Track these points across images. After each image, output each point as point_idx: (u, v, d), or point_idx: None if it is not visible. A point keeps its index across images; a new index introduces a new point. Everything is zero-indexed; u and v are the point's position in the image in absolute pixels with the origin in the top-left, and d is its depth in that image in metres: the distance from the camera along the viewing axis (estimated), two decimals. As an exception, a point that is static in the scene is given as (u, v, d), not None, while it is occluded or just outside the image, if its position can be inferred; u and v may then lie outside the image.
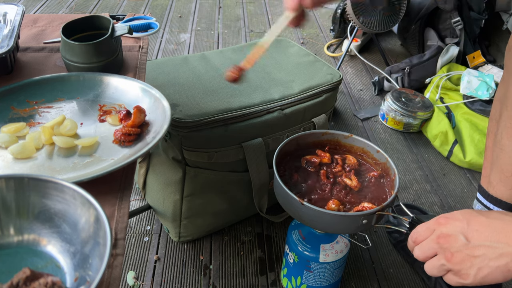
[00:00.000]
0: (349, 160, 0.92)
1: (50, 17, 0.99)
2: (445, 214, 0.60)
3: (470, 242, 0.54)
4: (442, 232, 0.57)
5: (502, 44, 2.00)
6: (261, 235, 1.20)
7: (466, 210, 0.59)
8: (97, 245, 0.46)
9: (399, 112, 1.62)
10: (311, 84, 1.10)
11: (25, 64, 0.81)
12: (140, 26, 0.91)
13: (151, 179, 1.14)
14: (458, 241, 0.55)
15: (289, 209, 0.83)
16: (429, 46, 1.93)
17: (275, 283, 1.08)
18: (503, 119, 0.92)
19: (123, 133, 0.63)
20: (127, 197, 0.57)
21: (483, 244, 0.53)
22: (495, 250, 0.52)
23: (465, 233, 0.55)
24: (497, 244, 0.52)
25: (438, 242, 0.57)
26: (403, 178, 1.44)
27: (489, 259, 0.52)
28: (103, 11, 2.55)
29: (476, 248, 0.53)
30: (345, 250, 0.93)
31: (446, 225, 0.57)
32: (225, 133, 0.98)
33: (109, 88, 0.73)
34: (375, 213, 0.76)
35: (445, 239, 0.56)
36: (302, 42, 2.32)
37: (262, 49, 0.70)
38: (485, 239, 0.53)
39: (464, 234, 0.55)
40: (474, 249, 0.54)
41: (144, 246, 1.15)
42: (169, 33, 2.35)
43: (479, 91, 1.64)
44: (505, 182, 0.93)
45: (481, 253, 0.53)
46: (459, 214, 0.58)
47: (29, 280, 0.42)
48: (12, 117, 0.68)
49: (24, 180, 0.49)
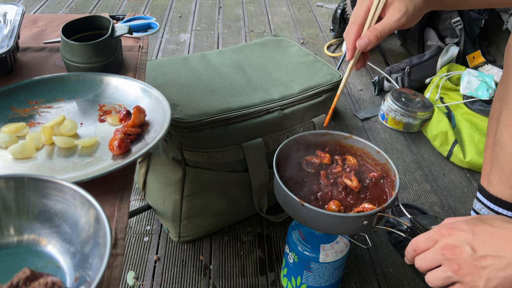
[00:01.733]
0: (349, 160, 0.92)
1: (50, 17, 0.99)
2: (447, 224, 0.59)
3: (476, 253, 0.54)
4: (446, 243, 0.56)
5: (502, 44, 2.00)
6: (261, 235, 1.20)
7: (469, 219, 0.58)
8: (97, 245, 0.46)
9: (399, 112, 1.62)
10: (311, 84, 1.10)
11: (25, 64, 0.81)
12: (140, 26, 0.91)
13: (151, 179, 1.14)
14: (465, 252, 0.54)
15: (289, 210, 0.83)
16: (429, 46, 1.93)
17: (275, 283, 1.08)
18: (503, 117, 0.92)
19: (120, 139, 0.62)
20: (127, 197, 0.57)
21: (490, 254, 0.53)
22: (502, 260, 0.52)
23: (471, 244, 0.54)
24: (504, 254, 0.52)
25: (443, 253, 0.56)
26: (403, 178, 1.44)
27: (497, 270, 0.52)
28: (103, 11, 2.55)
29: (483, 259, 0.53)
30: (345, 250, 0.93)
31: (450, 235, 0.57)
32: (225, 133, 0.98)
33: (109, 88, 0.73)
34: (376, 214, 0.76)
35: (451, 250, 0.56)
36: (302, 42, 2.32)
37: (337, 98, 0.80)
38: (492, 249, 0.53)
39: (470, 244, 0.54)
40: (481, 259, 0.53)
41: (144, 246, 1.15)
42: (169, 33, 2.35)
43: (479, 91, 1.64)
44: (505, 181, 0.93)
45: (489, 263, 0.52)
46: (463, 224, 0.57)
47: (29, 280, 0.42)
48: (12, 117, 0.68)
49: (24, 180, 0.49)
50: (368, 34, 0.70)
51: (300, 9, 2.76)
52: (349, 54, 0.73)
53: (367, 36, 0.70)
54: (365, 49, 0.71)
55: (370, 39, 0.70)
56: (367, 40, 0.70)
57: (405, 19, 0.68)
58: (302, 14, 2.69)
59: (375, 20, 0.71)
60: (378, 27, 0.70)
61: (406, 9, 0.68)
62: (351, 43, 0.72)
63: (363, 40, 0.70)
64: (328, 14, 2.69)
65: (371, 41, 0.70)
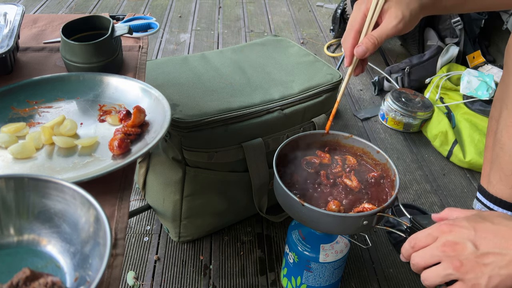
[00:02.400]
0: (349, 160, 0.92)
1: (50, 17, 0.99)
2: (447, 221, 0.59)
3: (478, 250, 0.53)
4: (447, 240, 0.56)
5: (502, 44, 2.00)
6: (261, 235, 1.20)
7: (469, 216, 0.57)
8: (97, 245, 0.46)
9: (399, 112, 1.62)
10: (311, 84, 1.10)
11: (25, 64, 0.81)
12: (140, 26, 0.91)
13: (151, 179, 1.14)
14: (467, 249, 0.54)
15: (289, 210, 0.83)
16: (429, 46, 1.93)
17: (275, 283, 1.08)
18: (503, 117, 0.92)
19: (120, 139, 0.62)
20: (127, 197, 0.57)
21: (492, 251, 0.52)
22: (504, 257, 0.52)
23: (473, 241, 0.54)
24: (506, 251, 0.52)
25: (443, 250, 0.56)
26: (403, 178, 1.44)
27: (499, 268, 0.52)
28: (103, 11, 2.55)
29: (485, 256, 0.53)
30: (345, 250, 0.93)
31: (451, 232, 0.56)
32: (225, 133, 0.98)
33: (109, 88, 0.73)
34: (376, 214, 0.76)
35: (452, 247, 0.55)
36: (302, 42, 2.32)
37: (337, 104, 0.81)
38: (494, 246, 0.52)
39: (472, 241, 0.54)
40: (484, 257, 0.53)
41: (144, 246, 1.15)
42: (169, 33, 2.35)
43: (479, 91, 1.64)
44: (505, 181, 0.93)
45: (491, 260, 0.52)
46: (464, 221, 0.57)
47: (29, 280, 0.42)
48: (12, 117, 0.68)
49: (24, 180, 0.49)
50: (366, 41, 0.70)
51: (300, 9, 2.76)
52: (347, 60, 0.74)
53: (364, 43, 0.70)
54: (363, 57, 0.72)
55: (368, 47, 0.70)
56: (365, 48, 0.70)
57: (402, 25, 0.69)
58: (302, 14, 2.69)
59: (371, 27, 0.71)
60: (375, 34, 0.70)
61: (402, 16, 0.68)
62: (349, 49, 0.72)
63: (360, 48, 0.70)
64: (328, 14, 2.69)
65: (368, 49, 0.70)
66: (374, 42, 0.70)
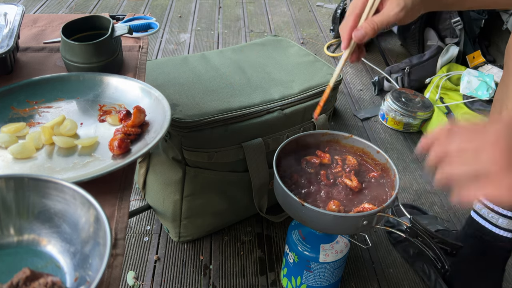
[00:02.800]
0: (349, 160, 0.92)
1: (50, 17, 0.99)
2: None
3: None
4: None
5: (502, 44, 2.00)
6: (261, 235, 1.20)
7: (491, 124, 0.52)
8: (97, 245, 0.46)
9: (399, 112, 1.62)
10: (311, 84, 1.10)
11: (25, 64, 0.81)
12: (140, 26, 0.91)
13: (151, 179, 1.14)
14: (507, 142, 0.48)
15: (289, 210, 0.83)
16: (429, 46, 1.93)
17: (275, 283, 1.08)
18: (503, 118, 0.92)
19: (120, 139, 0.62)
20: (127, 197, 0.57)
21: None
22: None
23: None
24: None
25: None
26: (403, 178, 1.44)
27: None
28: (103, 11, 2.55)
29: None
30: (345, 250, 0.93)
31: None
32: (225, 133, 0.98)
33: (109, 88, 0.73)
34: (376, 214, 0.76)
35: None
36: (302, 42, 2.32)
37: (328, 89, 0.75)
38: None
39: None
40: None
41: (144, 246, 1.15)
42: (169, 33, 2.35)
43: (479, 91, 1.64)
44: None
45: None
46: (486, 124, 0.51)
47: (29, 280, 0.42)
48: (12, 117, 0.68)
49: (24, 180, 0.49)
50: (365, 25, 0.69)
51: (300, 9, 2.76)
52: (344, 43, 0.72)
53: (363, 27, 0.69)
54: (361, 41, 0.70)
55: (367, 31, 0.69)
56: (364, 32, 0.69)
57: (403, 13, 0.68)
58: (302, 14, 2.69)
59: (372, 12, 0.70)
60: (375, 19, 0.69)
61: (404, 4, 0.68)
62: (347, 32, 0.71)
63: (359, 32, 0.69)
64: (328, 14, 2.69)
65: (367, 33, 0.69)
66: (374, 27, 0.68)
